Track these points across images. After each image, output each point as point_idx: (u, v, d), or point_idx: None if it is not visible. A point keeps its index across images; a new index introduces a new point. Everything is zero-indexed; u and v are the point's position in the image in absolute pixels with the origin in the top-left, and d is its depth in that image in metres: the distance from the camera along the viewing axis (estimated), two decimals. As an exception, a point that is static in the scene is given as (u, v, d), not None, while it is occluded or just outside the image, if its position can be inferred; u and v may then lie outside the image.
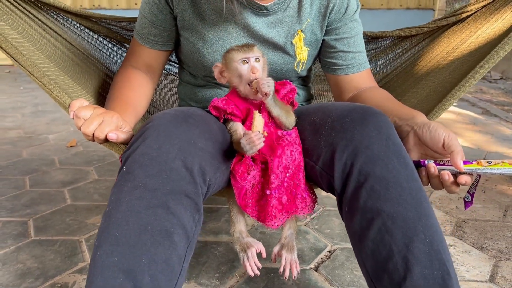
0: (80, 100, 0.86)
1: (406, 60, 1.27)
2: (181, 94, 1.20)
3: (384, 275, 0.75)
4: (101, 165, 2.05)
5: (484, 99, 3.72)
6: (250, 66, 0.86)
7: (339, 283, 1.12)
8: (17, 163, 2.07)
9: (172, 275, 0.71)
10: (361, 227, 0.79)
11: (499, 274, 1.18)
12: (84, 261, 1.24)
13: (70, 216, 1.52)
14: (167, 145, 0.77)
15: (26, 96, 3.79)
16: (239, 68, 0.86)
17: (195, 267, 1.20)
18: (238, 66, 0.86)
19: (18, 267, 1.21)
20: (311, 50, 1.06)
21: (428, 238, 0.74)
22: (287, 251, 0.92)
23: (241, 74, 0.86)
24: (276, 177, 0.85)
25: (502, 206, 1.62)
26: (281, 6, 0.99)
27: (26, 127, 2.74)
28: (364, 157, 0.80)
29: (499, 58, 0.95)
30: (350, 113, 0.86)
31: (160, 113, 0.86)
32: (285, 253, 0.91)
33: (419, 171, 0.84)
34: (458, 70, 1.05)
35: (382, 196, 0.77)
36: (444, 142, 0.82)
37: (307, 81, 1.20)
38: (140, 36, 1.07)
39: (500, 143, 2.47)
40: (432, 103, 1.02)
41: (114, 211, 0.71)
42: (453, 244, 1.34)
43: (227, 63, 0.88)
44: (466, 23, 1.17)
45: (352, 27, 1.06)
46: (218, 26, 1.00)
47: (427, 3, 5.11)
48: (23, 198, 1.67)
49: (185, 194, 0.75)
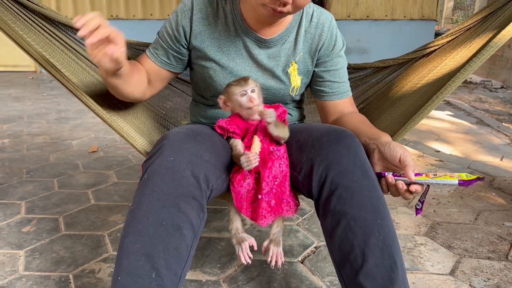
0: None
1: (383, 86, 1.48)
2: (192, 111, 1.41)
3: (347, 264, 0.96)
4: (120, 169, 2.30)
5: (481, 108, 3.89)
6: (248, 97, 1.07)
7: (320, 273, 1.34)
8: (45, 166, 2.32)
9: (181, 260, 0.93)
10: (331, 226, 0.99)
11: (459, 269, 1.38)
12: (107, 252, 1.47)
13: (94, 214, 1.75)
14: (179, 158, 0.99)
15: (50, 103, 4.07)
16: (239, 100, 1.07)
17: (200, 259, 1.42)
18: (238, 98, 1.07)
19: (53, 256, 1.45)
20: (303, 78, 1.26)
21: (382, 235, 0.94)
22: (274, 245, 1.13)
23: (241, 104, 1.07)
24: (267, 184, 1.07)
25: (475, 211, 1.81)
26: (280, 40, 1.20)
27: (52, 133, 3.00)
28: (335, 170, 1.00)
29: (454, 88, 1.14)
30: (327, 134, 1.08)
31: (174, 131, 1.08)
32: (272, 246, 1.13)
33: (380, 181, 1.04)
34: (423, 97, 1.24)
35: (347, 202, 0.98)
36: (400, 158, 1.01)
37: (300, 104, 1.40)
38: (152, 54, 1.22)
39: (487, 152, 2.65)
40: (399, 125, 1.21)
41: (137, 209, 0.93)
42: (424, 243, 1.54)
43: (229, 95, 1.09)
44: (432, 55, 1.37)
45: (338, 61, 1.26)
46: (228, 57, 1.20)
47: (430, 14, 5.26)
48: (53, 198, 1.91)
49: (192, 197, 0.96)
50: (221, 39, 1.18)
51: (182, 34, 1.18)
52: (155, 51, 1.23)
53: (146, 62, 1.24)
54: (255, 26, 1.15)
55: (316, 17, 1.20)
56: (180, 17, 1.17)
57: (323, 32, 1.20)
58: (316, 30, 1.20)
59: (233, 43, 1.18)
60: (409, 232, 1.62)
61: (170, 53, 1.22)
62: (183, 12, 1.17)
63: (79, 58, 1.32)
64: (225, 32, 1.17)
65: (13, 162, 2.39)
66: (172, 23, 1.18)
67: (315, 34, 1.20)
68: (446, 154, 2.61)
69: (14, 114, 3.58)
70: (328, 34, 1.21)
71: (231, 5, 1.15)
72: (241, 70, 1.19)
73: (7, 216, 1.73)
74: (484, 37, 1.22)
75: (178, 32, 1.17)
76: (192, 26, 1.16)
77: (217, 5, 1.16)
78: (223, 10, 1.16)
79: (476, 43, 1.23)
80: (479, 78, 6.12)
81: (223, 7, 1.16)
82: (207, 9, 1.16)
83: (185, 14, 1.16)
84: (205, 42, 1.18)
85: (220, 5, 1.16)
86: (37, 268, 1.37)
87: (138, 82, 1.18)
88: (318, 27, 1.20)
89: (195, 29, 1.17)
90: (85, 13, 0.88)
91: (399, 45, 5.25)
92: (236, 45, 1.18)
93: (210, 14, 1.16)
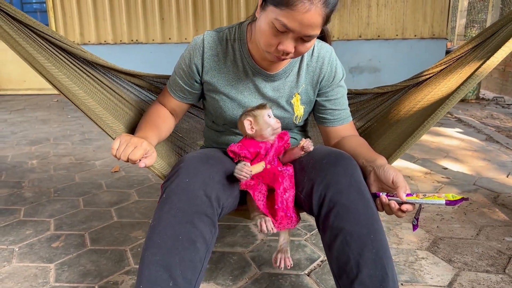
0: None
1: (382, 110, 1.59)
2: (205, 136, 1.55)
3: (343, 274, 1.07)
4: (141, 188, 2.45)
5: (492, 125, 3.93)
6: (275, 119, 1.21)
7: (324, 285, 1.44)
8: (71, 186, 2.49)
9: (195, 271, 1.05)
10: (330, 240, 1.11)
11: (457, 281, 1.46)
12: (129, 266, 1.60)
13: (117, 231, 1.89)
14: (194, 179, 1.12)
15: (74, 125, 4.29)
16: (268, 121, 1.19)
17: (214, 271, 1.54)
18: (267, 120, 1.19)
19: (80, 269, 1.58)
20: (306, 107, 1.38)
21: (375, 248, 1.05)
22: (282, 253, 1.26)
23: (271, 125, 1.20)
24: (279, 196, 1.18)
25: (478, 226, 1.89)
26: (284, 74, 1.33)
27: (76, 154, 3.19)
28: (333, 190, 1.12)
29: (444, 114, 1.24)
30: (327, 157, 1.20)
31: (189, 155, 1.21)
32: (280, 254, 1.25)
33: (375, 201, 1.15)
34: (416, 122, 1.34)
35: (344, 219, 1.09)
36: (392, 179, 1.12)
37: (304, 128, 1.53)
38: (171, 90, 1.40)
39: (494, 169, 2.71)
40: (394, 147, 1.30)
41: (157, 225, 1.06)
42: (425, 257, 1.63)
43: (256, 118, 1.20)
44: (427, 82, 1.48)
45: (338, 91, 1.37)
46: (237, 90, 1.33)
47: (441, 33, 5.36)
48: (79, 215, 2.07)
49: (205, 214, 1.09)
50: (230, 74, 1.31)
51: (195, 71, 1.32)
52: (174, 89, 1.39)
53: (168, 99, 1.42)
54: (261, 63, 1.29)
55: (317, 51, 1.33)
56: (192, 55, 1.31)
57: (323, 65, 1.33)
58: (317, 64, 1.33)
59: (241, 78, 1.31)
60: (411, 247, 1.71)
61: (186, 89, 1.37)
62: (194, 50, 1.31)
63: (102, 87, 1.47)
64: (233, 68, 1.31)
65: (42, 182, 2.56)
66: (186, 60, 1.33)
67: (316, 67, 1.33)
68: (453, 171, 2.68)
69: (41, 136, 3.79)
70: (328, 67, 1.33)
71: (239, 43, 1.29)
72: (248, 102, 1.32)
73: (38, 233, 1.88)
74: (473, 65, 1.33)
75: (191, 69, 1.32)
76: (204, 62, 1.31)
77: (227, 43, 1.30)
78: (232, 48, 1.30)
79: (465, 71, 1.34)
80: (492, 94, 6.15)
81: (232, 45, 1.30)
82: (217, 47, 1.30)
83: (197, 52, 1.31)
84: (215, 77, 1.32)
85: (229, 42, 1.30)
86: (66, 280, 1.51)
87: (168, 132, 1.41)
88: (319, 60, 1.33)
89: (206, 65, 1.31)
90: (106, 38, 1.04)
91: (410, 64, 5.35)
92: (244, 80, 1.32)
93: (220, 51, 1.30)
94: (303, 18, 1.04)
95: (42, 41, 1.29)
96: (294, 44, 1.11)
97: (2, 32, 1.16)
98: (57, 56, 1.31)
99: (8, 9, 1.20)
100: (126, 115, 1.48)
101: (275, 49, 1.13)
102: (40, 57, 1.17)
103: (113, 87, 1.51)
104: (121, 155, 1.09)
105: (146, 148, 1.12)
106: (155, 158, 1.17)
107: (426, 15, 5.40)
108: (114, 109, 1.42)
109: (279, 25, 1.06)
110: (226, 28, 1.33)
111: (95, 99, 1.32)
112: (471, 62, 1.37)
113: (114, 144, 1.11)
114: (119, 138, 1.12)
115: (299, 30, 1.06)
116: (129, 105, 1.55)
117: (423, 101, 1.43)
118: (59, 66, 1.27)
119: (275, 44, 1.12)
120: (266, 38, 1.12)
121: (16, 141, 3.63)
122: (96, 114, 1.22)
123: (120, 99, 1.51)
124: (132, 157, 1.08)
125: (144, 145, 1.12)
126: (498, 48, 1.16)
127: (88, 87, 1.36)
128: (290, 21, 1.05)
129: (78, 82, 1.30)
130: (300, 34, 1.08)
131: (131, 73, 1.57)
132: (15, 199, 2.28)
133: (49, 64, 1.18)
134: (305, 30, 1.07)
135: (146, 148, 1.12)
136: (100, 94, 1.40)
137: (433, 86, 1.44)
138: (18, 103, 5.89)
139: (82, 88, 1.29)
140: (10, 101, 6.09)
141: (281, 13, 1.05)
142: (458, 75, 1.37)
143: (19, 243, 1.79)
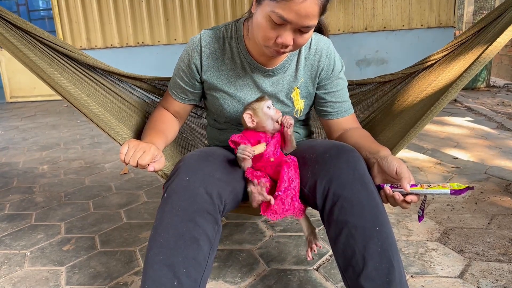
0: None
1: (386, 101, 1.57)
2: (208, 135, 1.55)
3: (349, 268, 1.06)
4: (149, 189, 2.46)
5: (503, 112, 3.87)
6: (274, 110, 1.21)
7: (333, 280, 1.43)
8: (81, 189, 2.51)
9: (200, 268, 1.05)
10: (335, 234, 1.10)
11: (468, 272, 1.44)
12: (139, 266, 1.61)
13: (126, 232, 1.91)
14: (194, 178, 1.12)
15: (83, 129, 4.33)
16: (268, 112, 1.20)
17: (223, 269, 1.54)
18: (266, 111, 1.20)
19: (90, 271, 1.60)
20: (306, 101, 1.37)
21: (380, 241, 1.04)
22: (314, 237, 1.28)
23: (271, 116, 1.20)
24: (284, 182, 1.17)
25: (489, 216, 1.86)
26: (282, 69, 1.32)
27: (86, 158, 3.22)
28: (336, 183, 1.11)
29: (447, 102, 1.22)
30: (329, 150, 1.19)
31: (189, 154, 1.21)
32: (313, 238, 1.27)
33: (380, 192, 1.13)
34: (420, 111, 1.32)
35: (348, 212, 1.08)
36: (396, 171, 1.10)
37: (306, 122, 1.52)
38: (172, 93, 1.41)
39: (505, 157, 2.67)
40: (398, 138, 1.29)
41: (159, 225, 1.06)
42: (435, 248, 1.61)
43: (256, 111, 1.20)
44: (431, 69, 1.46)
45: (338, 83, 1.36)
46: (236, 87, 1.33)
47: (448, 21, 5.28)
48: (89, 218, 2.09)
49: (207, 212, 1.08)
50: (229, 72, 1.31)
51: (194, 70, 1.32)
52: (175, 91, 1.40)
53: (171, 103, 1.42)
54: (259, 59, 1.28)
55: (315, 44, 1.32)
56: (190, 55, 1.31)
57: (321, 57, 1.32)
58: (315, 56, 1.32)
59: (240, 75, 1.31)
60: (421, 239, 1.69)
61: (187, 90, 1.37)
62: (192, 49, 1.31)
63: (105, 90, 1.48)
64: (232, 65, 1.30)
65: (53, 186, 2.59)
66: (185, 60, 1.33)
67: (314, 60, 1.32)
68: (463, 161, 2.65)
69: (52, 141, 3.84)
70: (326, 59, 1.32)
71: (236, 40, 1.29)
72: (248, 98, 1.31)
73: (49, 236, 1.90)
74: (476, 51, 1.30)
75: (191, 68, 1.32)
76: (202, 61, 1.30)
77: (224, 40, 1.30)
78: (229, 45, 1.30)
79: (469, 57, 1.31)
80: (503, 81, 6.05)
81: (229, 42, 1.30)
82: (214, 45, 1.30)
83: (195, 52, 1.31)
84: (214, 75, 1.32)
85: (226, 40, 1.30)
86: (77, 282, 1.52)
87: (173, 136, 1.41)
88: (317, 53, 1.31)
89: (205, 64, 1.31)
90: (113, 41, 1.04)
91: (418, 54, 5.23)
92: (242, 76, 1.31)
93: (218, 49, 1.30)
94: (299, 8, 1.03)
95: (43, 47, 1.30)
96: (292, 36, 1.11)
97: (3, 40, 1.17)
98: (58, 61, 1.32)
99: (9, 16, 1.21)
100: (130, 117, 1.49)
101: (273, 43, 1.12)
102: (41, 62, 1.18)
103: (116, 90, 1.52)
104: (130, 160, 1.09)
105: (154, 152, 1.13)
106: (164, 163, 1.18)
107: (432, 3, 5.33)
108: (118, 112, 1.43)
109: (276, 17, 1.06)
110: (222, 26, 1.32)
111: (99, 103, 1.33)
112: (474, 47, 1.34)
113: (122, 149, 1.11)
114: (127, 143, 1.13)
115: (297, 21, 1.05)
116: (133, 108, 1.55)
117: (427, 90, 1.41)
118: (60, 71, 1.28)
119: (273, 38, 1.11)
120: (263, 32, 1.11)
121: (27, 147, 3.68)
122: (99, 118, 1.23)
123: (123, 102, 1.51)
124: (141, 162, 1.09)
125: (153, 150, 1.13)
126: (501, 33, 1.13)
127: (91, 91, 1.37)
128: (287, 12, 1.04)
129: (80, 87, 1.31)
130: (298, 25, 1.07)
131: (133, 76, 1.57)
132: (26, 205, 2.31)
133: (51, 69, 1.19)
134: (303, 21, 1.06)
135: (155, 152, 1.13)
136: (103, 97, 1.41)
137: (436, 74, 1.42)
138: (29, 109, 5.98)
139: (85, 92, 1.30)
140: (21, 108, 6.18)
141: (277, 5, 1.04)
142: (461, 62, 1.34)
143: (30, 247, 1.81)
